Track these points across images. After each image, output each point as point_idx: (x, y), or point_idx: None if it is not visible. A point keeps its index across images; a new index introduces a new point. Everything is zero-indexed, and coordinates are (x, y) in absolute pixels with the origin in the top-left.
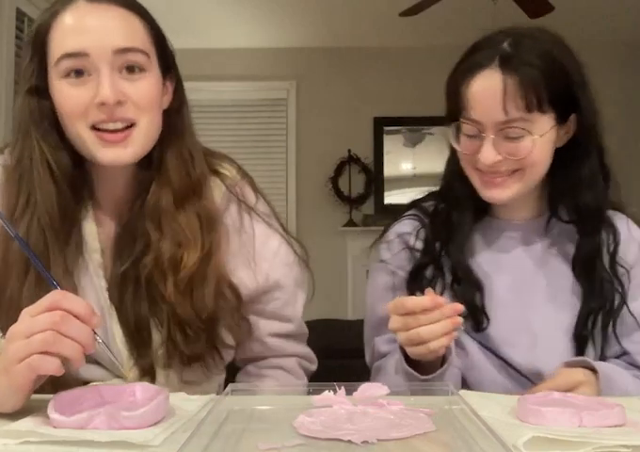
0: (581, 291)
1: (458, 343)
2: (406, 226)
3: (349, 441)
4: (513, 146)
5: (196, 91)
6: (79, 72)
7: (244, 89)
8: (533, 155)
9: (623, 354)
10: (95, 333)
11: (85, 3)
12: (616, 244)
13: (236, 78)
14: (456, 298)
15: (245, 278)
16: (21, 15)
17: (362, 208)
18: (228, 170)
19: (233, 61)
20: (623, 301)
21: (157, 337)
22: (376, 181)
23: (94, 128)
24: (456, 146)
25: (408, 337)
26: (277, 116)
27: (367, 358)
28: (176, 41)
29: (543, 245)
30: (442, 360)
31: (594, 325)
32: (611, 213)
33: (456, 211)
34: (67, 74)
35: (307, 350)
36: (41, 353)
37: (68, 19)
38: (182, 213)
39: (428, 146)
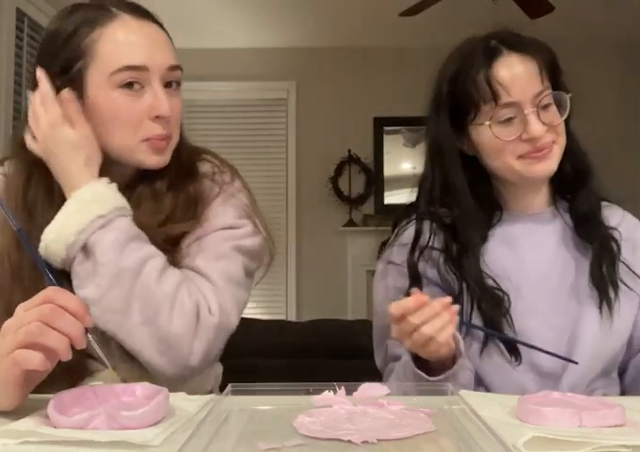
0: (589, 248)
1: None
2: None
3: (349, 441)
4: (550, 114)
5: (196, 91)
6: (130, 84)
7: (244, 89)
8: (561, 123)
9: None
10: (87, 331)
11: (130, 18)
12: (600, 208)
13: (236, 78)
14: (482, 312)
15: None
16: (21, 15)
17: (362, 208)
18: (208, 161)
19: (233, 61)
20: (618, 253)
21: None
22: (376, 181)
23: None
24: (494, 139)
25: (413, 341)
26: (277, 116)
27: (378, 361)
28: (176, 41)
29: (558, 231)
30: (453, 359)
31: (607, 269)
32: (604, 204)
33: (464, 228)
34: (121, 85)
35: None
36: (27, 346)
37: (121, 32)
38: (173, 194)
39: None
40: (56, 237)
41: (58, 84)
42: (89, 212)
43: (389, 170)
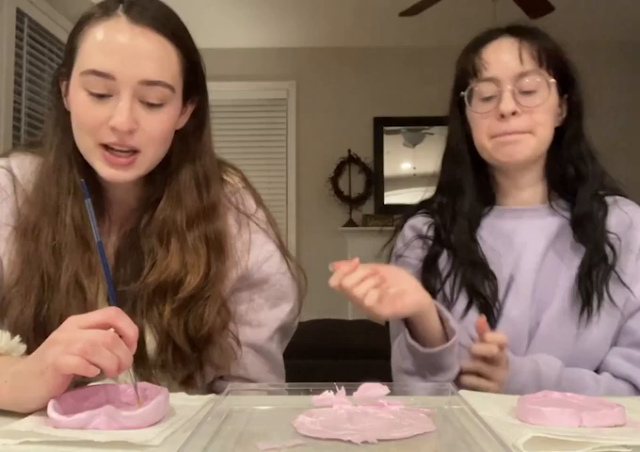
0: (583, 251)
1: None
2: (417, 221)
3: (349, 441)
4: (530, 99)
5: None
6: (100, 90)
7: (244, 89)
8: (543, 113)
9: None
10: None
11: (126, 21)
12: (605, 214)
13: (236, 78)
14: (467, 285)
15: (233, 276)
16: (21, 15)
17: (362, 208)
18: (230, 178)
19: (233, 61)
20: (613, 264)
21: (152, 348)
22: (375, 181)
23: (102, 145)
24: (470, 112)
25: (354, 304)
26: (277, 116)
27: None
28: None
29: (552, 228)
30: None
31: (597, 278)
32: (618, 198)
33: (460, 198)
34: (87, 88)
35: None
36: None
37: (104, 33)
38: (190, 234)
39: (428, 146)
40: None
41: (62, 77)
42: None
43: (389, 170)
